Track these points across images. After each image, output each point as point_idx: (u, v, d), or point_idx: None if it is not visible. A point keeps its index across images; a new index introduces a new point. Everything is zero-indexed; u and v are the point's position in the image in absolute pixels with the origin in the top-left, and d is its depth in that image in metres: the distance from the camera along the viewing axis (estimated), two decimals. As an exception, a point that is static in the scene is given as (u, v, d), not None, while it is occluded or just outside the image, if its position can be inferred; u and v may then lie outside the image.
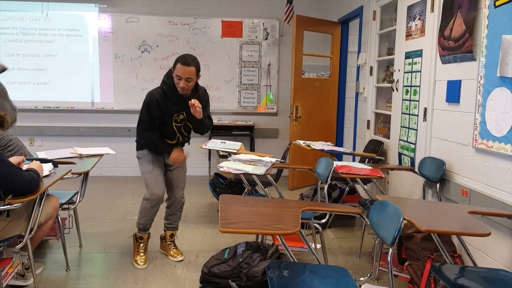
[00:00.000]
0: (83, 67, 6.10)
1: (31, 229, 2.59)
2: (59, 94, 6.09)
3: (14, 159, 2.63)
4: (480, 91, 2.73)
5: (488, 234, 1.97)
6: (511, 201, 2.44)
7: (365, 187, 3.77)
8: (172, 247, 3.42)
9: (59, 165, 2.98)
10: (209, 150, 5.98)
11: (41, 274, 3.02)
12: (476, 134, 2.77)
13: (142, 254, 3.29)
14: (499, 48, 2.49)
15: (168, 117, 3.20)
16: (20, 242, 2.56)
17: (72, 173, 2.96)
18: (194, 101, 3.07)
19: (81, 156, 3.53)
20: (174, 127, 3.25)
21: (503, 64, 2.47)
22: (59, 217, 3.09)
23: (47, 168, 2.75)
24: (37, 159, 2.82)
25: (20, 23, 5.94)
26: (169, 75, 3.16)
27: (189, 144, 3.49)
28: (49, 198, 2.86)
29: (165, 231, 3.47)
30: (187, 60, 3.03)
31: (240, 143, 4.19)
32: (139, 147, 3.32)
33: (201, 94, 3.29)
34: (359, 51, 5.29)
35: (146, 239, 3.35)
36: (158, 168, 3.30)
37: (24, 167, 2.60)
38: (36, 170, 2.51)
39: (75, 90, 6.11)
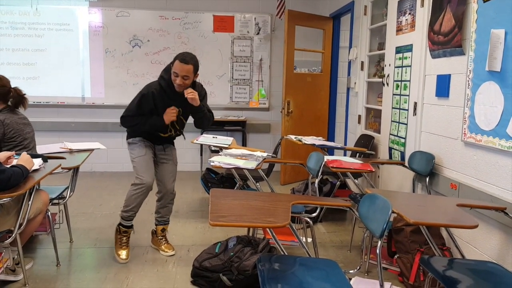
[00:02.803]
0: (74, 62, 6.05)
1: (21, 224, 2.58)
2: (49, 89, 6.03)
3: (3, 154, 2.61)
4: (469, 85, 2.75)
5: (476, 226, 2.00)
6: (499, 194, 2.47)
7: (356, 181, 3.79)
8: (164, 242, 3.42)
9: (48, 160, 2.96)
10: (201, 145, 5.98)
11: (31, 269, 3.01)
12: (465, 128, 2.80)
13: (125, 247, 3.27)
14: (488, 42, 2.51)
15: (163, 112, 3.19)
16: (10, 237, 2.55)
17: (62, 168, 2.94)
18: (185, 91, 3.09)
19: (71, 151, 3.51)
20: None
21: (492, 58, 2.49)
22: (49, 212, 3.07)
23: (36, 163, 2.73)
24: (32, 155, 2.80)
25: (9, 17, 5.87)
26: (167, 70, 3.17)
27: (184, 138, 3.49)
28: (39, 193, 2.84)
29: (156, 225, 3.46)
30: (186, 58, 3.05)
31: (231, 138, 4.19)
32: (129, 136, 3.35)
33: (198, 90, 3.28)
34: (350, 46, 5.30)
35: (130, 233, 3.32)
36: (149, 154, 3.28)
37: (14, 162, 2.58)
38: (22, 165, 2.48)
39: (65, 85, 6.06)
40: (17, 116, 3.12)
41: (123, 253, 3.23)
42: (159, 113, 3.20)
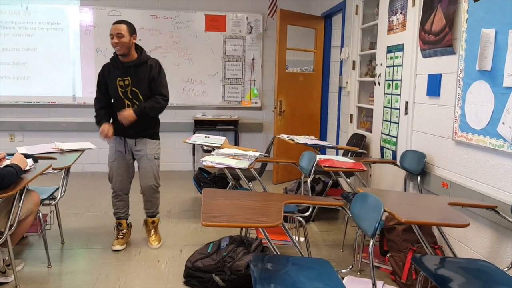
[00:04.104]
0: (64, 61, 6.00)
1: (11, 225, 2.55)
2: (40, 88, 5.97)
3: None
4: (459, 84, 2.77)
5: (467, 225, 2.01)
6: (490, 193, 2.49)
7: (348, 180, 3.80)
8: (152, 234, 3.52)
9: (39, 160, 2.93)
10: (193, 145, 5.94)
11: (22, 271, 2.98)
12: (456, 127, 2.81)
13: (120, 239, 3.46)
14: (478, 41, 2.53)
15: (113, 82, 3.32)
16: (0, 238, 2.52)
17: (53, 168, 2.91)
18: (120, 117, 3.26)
19: (62, 151, 3.48)
20: (120, 93, 3.33)
21: (482, 57, 2.50)
22: (40, 213, 3.05)
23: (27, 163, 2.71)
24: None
25: (-1, 16, 5.82)
26: None
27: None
28: (30, 193, 2.81)
29: (147, 216, 3.59)
30: (118, 20, 3.27)
31: (224, 138, 4.19)
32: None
33: (153, 65, 3.33)
34: (342, 46, 5.31)
35: (125, 226, 3.52)
36: (119, 160, 3.44)
37: (6, 162, 2.55)
38: (17, 164, 2.46)
39: (56, 85, 6.00)
40: None
41: (116, 242, 3.42)
42: (110, 86, 3.35)
